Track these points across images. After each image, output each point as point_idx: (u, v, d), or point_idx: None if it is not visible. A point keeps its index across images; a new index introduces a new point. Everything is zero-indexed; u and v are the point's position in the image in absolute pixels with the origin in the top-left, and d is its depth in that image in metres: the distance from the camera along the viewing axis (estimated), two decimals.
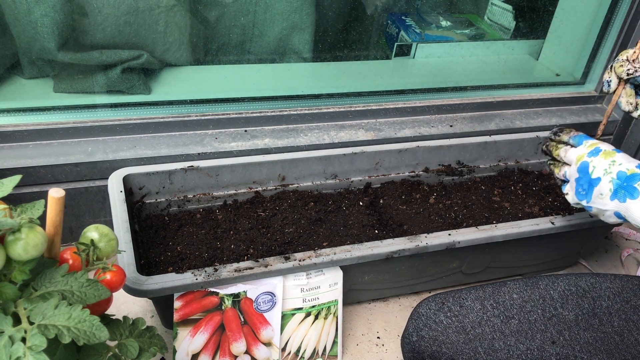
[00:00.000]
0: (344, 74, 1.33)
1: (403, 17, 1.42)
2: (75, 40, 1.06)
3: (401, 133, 1.22)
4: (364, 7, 1.34)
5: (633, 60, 0.88)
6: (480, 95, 1.35)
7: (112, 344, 0.57)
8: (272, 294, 0.87)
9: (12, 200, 0.94)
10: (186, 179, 1.04)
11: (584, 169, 0.84)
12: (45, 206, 0.54)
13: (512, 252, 1.08)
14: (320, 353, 0.95)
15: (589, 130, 1.40)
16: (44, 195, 0.52)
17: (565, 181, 0.90)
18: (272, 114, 1.19)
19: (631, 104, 0.89)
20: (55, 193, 0.52)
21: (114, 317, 0.60)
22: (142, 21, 1.10)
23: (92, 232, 0.60)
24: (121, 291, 0.68)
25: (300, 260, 0.86)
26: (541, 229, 0.98)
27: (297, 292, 0.89)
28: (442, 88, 1.35)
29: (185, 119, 1.12)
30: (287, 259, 0.86)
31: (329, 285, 0.91)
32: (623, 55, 0.90)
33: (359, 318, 1.07)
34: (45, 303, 0.50)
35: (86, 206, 1.09)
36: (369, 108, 1.26)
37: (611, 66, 0.90)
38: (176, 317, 0.83)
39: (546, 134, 1.27)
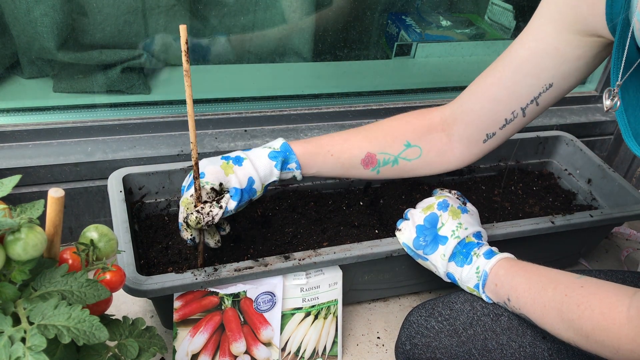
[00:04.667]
0: (344, 74, 1.33)
1: (403, 17, 1.41)
2: (75, 39, 1.06)
3: None
4: (364, 6, 1.34)
5: (197, 207, 0.78)
6: None
7: (112, 344, 0.57)
8: (271, 294, 0.87)
9: (12, 200, 0.94)
10: None
11: (432, 221, 0.85)
12: (45, 206, 0.54)
13: (512, 252, 1.07)
14: (320, 353, 0.95)
15: (589, 129, 1.41)
16: (43, 195, 0.52)
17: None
18: (272, 113, 1.18)
19: (219, 242, 0.85)
20: (55, 193, 0.52)
21: (113, 317, 0.60)
22: (141, 21, 1.09)
23: (92, 232, 0.60)
24: (121, 291, 0.68)
25: (300, 260, 0.86)
26: (541, 228, 0.98)
27: (296, 292, 0.89)
28: (443, 88, 1.35)
29: (185, 118, 1.12)
30: (286, 258, 0.86)
31: (328, 284, 0.91)
32: (190, 207, 0.78)
33: (359, 318, 1.07)
34: (45, 303, 0.50)
35: (86, 206, 1.09)
36: (369, 108, 1.26)
37: (186, 222, 0.79)
38: (176, 317, 0.83)
39: (546, 134, 1.28)
